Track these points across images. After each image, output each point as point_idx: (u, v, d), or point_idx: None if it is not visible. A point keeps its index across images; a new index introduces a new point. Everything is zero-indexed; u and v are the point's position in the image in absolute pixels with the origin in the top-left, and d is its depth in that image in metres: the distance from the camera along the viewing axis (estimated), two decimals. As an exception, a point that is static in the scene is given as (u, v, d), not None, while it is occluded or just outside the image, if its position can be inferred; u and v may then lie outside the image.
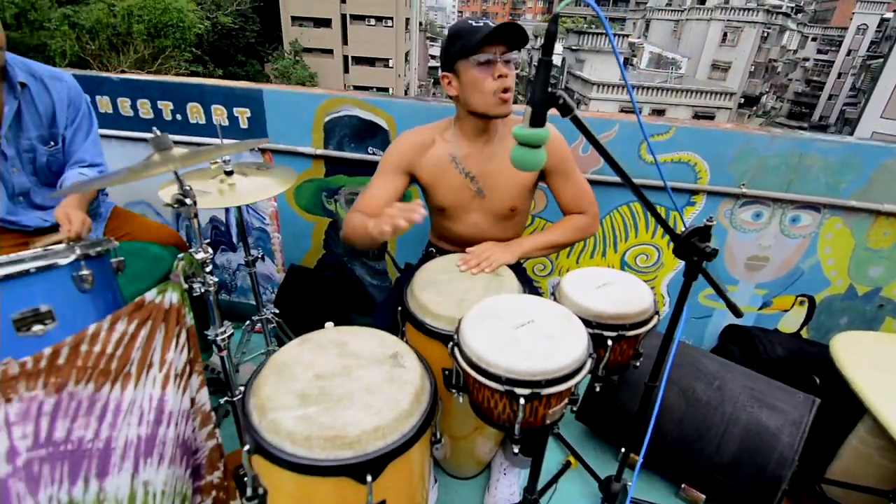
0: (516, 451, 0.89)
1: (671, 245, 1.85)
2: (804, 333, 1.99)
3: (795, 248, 1.83)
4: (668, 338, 1.12)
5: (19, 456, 0.83)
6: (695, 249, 1.01)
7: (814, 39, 36.00)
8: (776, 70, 31.54)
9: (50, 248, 0.94)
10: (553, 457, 1.68)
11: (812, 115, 33.89)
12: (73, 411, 0.89)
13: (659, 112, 20.96)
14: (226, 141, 1.68)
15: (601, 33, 22.51)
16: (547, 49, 0.76)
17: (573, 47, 22.83)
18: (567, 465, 1.64)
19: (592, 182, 1.73)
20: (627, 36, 23.37)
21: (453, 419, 1.30)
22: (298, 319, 1.99)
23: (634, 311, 1.03)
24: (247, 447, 0.82)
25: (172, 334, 1.03)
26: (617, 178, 1.74)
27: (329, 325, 1.72)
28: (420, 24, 35.14)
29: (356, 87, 27.65)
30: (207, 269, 1.11)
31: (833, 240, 1.80)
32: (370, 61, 27.47)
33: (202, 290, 1.11)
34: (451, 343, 0.94)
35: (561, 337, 0.88)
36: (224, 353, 1.24)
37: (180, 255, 1.06)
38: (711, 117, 21.31)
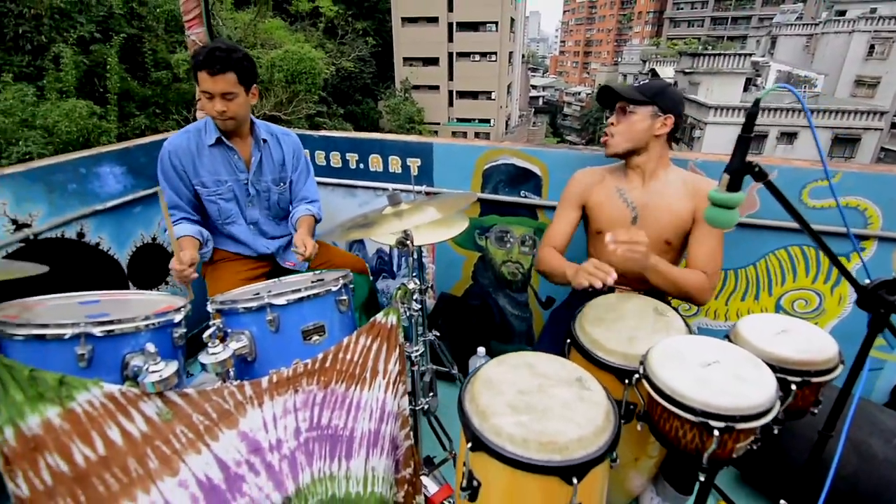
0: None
1: (834, 291, 1.79)
2: None
3: None
4: (846, 390, 1.13)
5: (301, 434, 1.12)
6: (882, 301, 1.03)
7: None
8: (942, 83, 26.90)
9: (322, 278, 1.26)
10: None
11: None
12: (332, 404, 1.16)
13: (790, 136, 19.01)
14: (440, 192, 2.00)
15: (717, 54, 21.19)
16: (747, 127, 0.88)
17: (686, 70, 21.73)
18: (719, 508, 1.63)
19: (748, 225, 1.77)
20: (750, 55, 21.60)
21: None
22: (447, 341, 2.22)
23: (821, 359, 1.07)
24: (469, 444, 1.02)
25: (392, 349, 1.28)
26: (773, 222, 1.76)
27: (481, 350, 1.92)
28: (522, 56, 35.92)
29: (459, 120, 28.91)
30: (414, 298, 1.37)
31: None
32: (473, 94, 28.63)
33: (407, 314, 1.37)
34: (636, 375, 1.07)
35: (749, 377, 0.97)
36: (416, 368, 1.48)
37: (399, 286, 1.32)
38: (857, 139, 18.80)
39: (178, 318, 1.14)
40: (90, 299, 1.25)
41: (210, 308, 1.17)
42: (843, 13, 25.24)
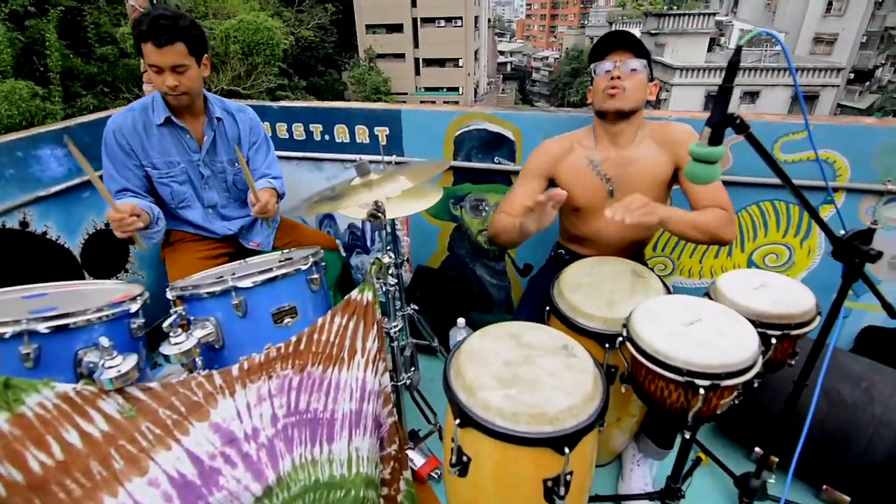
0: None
1: (804, 244, 1.82)
2: (961, 336, 1.86)
3: (951, 246, 1.72)
4: (820, 340, 1.15)
5: (279, 421, 1.06)
6: (857, 252, 1.04)
7: (943, -1, 31.07)
8: (894, 39, 27.73)
9: (290, 257, 1.19)
10: (682, 452, 1.72)
11: (941, 86, 29.34)
12: (309, 388, 1.11)
13: (752, 95, 19.35)
14: (410, 162, 1.91)
15: (683, 14, 21.18)
16: (728, 77, 0.84)
17: (652, 31, 21.66)
18: (698, 460, 1.68)
19: (721, 182, 1.76)
20: (714, 14, 21.65)
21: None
22: (425, 315, 2.19)
23: (799, 312, 1.08)
24: (458, 421, 0.99)
25: (370, 326, 1.23)
26: (745, 178, 1.76)
27: (461, 321, 1.89)
28: (489, 20, 35.08)
29: (427, 89, 28.23)
30: (390, 272, 1.31)
31: None
32: (441, 62, 27.91)
33: (383, 290, 1.32)
34: (620, 339, 1.05)
35: (731, 334, 0.96)
36: (395, 343, 1.44)
37: (372, 260, 1.26)
38: (815, 97, 19.31)
39: (134, 307, 1.06)
40: (36, 293, 1.15)
41: (169, 295, 1.09)
42: (802, -31, 25.37)
